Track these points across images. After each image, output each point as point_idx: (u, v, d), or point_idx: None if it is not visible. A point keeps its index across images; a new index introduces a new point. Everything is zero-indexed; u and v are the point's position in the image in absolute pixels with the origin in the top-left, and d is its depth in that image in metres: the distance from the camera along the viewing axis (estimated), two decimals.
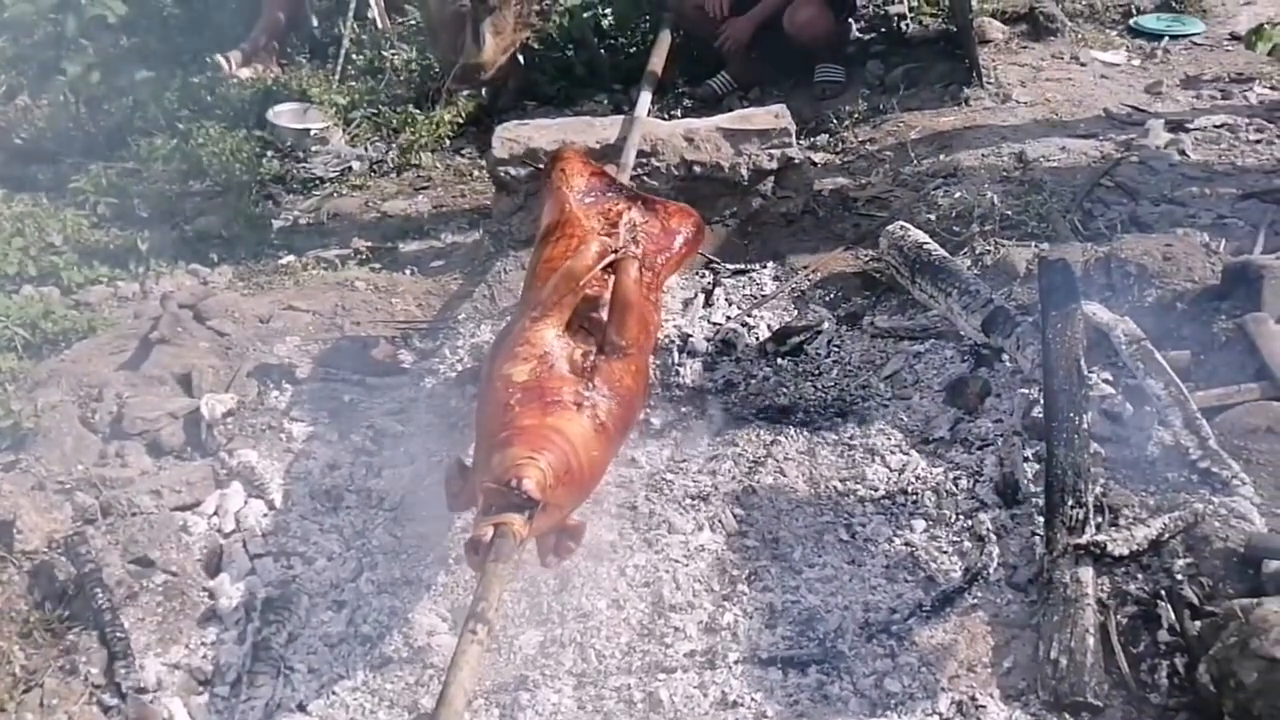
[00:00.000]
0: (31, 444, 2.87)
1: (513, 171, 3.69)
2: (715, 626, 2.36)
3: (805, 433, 2.94)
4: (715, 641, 2.33)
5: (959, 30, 5.01)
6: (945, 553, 2.51)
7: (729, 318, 3.46)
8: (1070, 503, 2.40)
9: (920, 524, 2.59)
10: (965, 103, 4.51)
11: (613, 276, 2.50)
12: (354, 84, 5.32)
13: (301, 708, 2.25)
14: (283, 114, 4.92)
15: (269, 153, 4.71)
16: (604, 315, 2.46)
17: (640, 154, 3.60)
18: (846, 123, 4.51)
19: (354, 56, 5.53)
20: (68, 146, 4.92)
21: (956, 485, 2.67)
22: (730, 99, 4.93)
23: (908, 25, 5.33)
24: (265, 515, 2.70)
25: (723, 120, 3.78)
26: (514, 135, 3.74)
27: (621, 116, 3.96)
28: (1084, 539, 2.32)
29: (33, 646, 2.29)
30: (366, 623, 2.44)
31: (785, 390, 3.13)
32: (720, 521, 2.64)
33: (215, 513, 2.70)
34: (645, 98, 3.89)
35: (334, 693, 2.28)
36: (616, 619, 2.40)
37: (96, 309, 3.68)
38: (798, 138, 4.51)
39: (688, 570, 2.51)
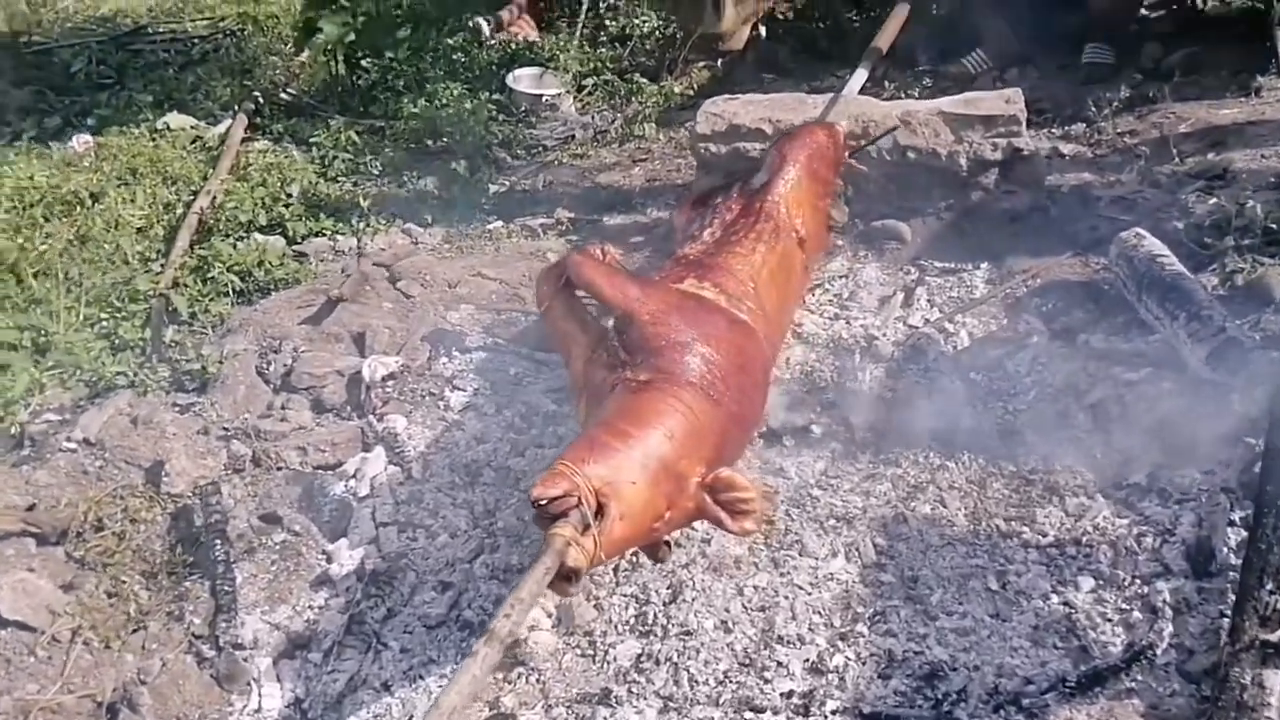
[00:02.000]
0: (211, 389, 3.01)
1: (714, 148, 3.51)
2: (822, 668, 2.14)
3: (980, 460, 2.62)
4: (818, 684, 2.11)
5: (1266, 7, 4.35)
6: (1109, 620, 2.16)
7: (927, 320, 3.16)
8: (1270, 587, 1.99)
9: (1087, 582, 2.24)
10: (1255, 94, 3.91)
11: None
12: (603, 50, 5.29)
13: (386, 687, 2.22)
14: (522, 78, 4.95)
15: (502, 116, 4.75)
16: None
17: (849, 136, 3.32)
18: (1106, 111, 4.01)
19: (607, 23, 5.52)
20: (326, 103, 5.17)
21: (1140, 543, 2.30)
22: (984, 79, 4.51)
23: (1205, 2, 4.69)
24: (402, 483, 2.70)
25: (946, 103, 3.43)
26: (719, 111, 3.55)
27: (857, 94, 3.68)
28: (1278, 635, 1.92)
29: (154, 588, 2.38)
30: (470, 608, 2.38)
31: (971, 409, 2.81)
32: (858, 550, 2.40)
33: (354, 475, 2.72)
34: (860, 75, 3.59)
35: (420, 676, 2.23)
36: (720, 642, 2.22)
37: (311, 260, 3.83)
38: (1051, 125, 4.13)
39: (809, 599, 2.29)
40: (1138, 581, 2.22)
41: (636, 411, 1.98)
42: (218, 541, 2.40)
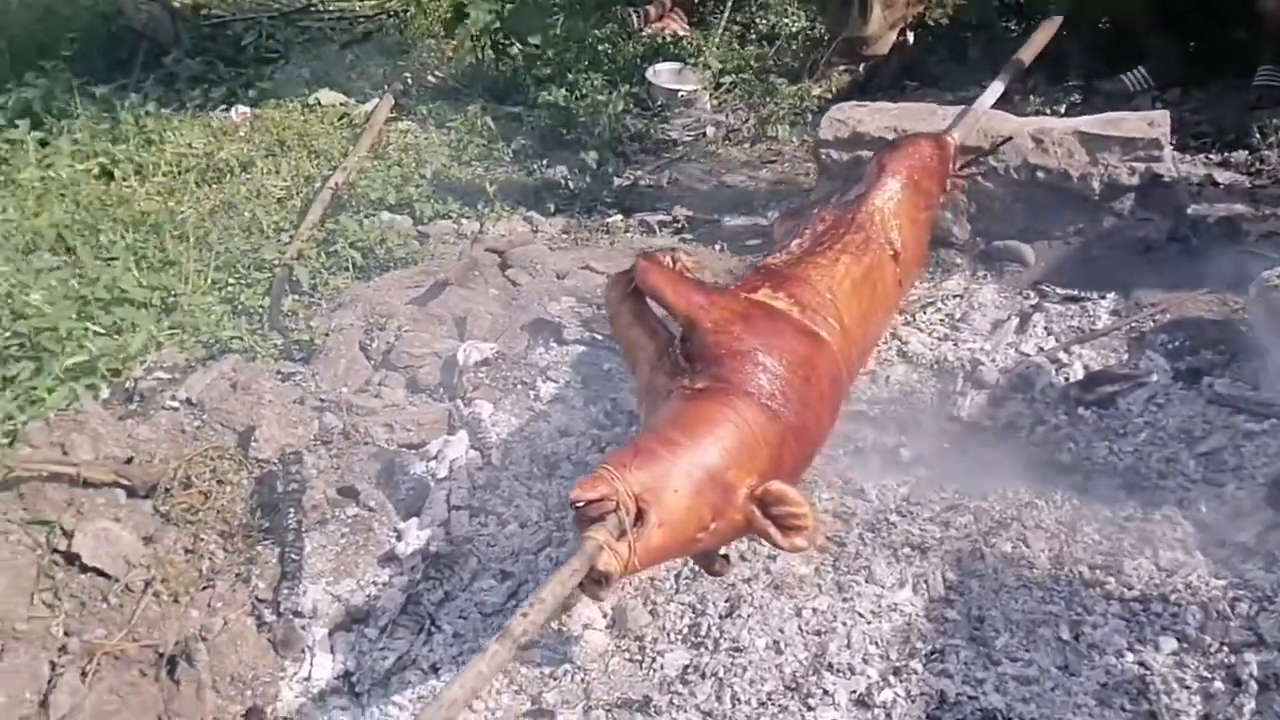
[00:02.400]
0: (315, 360, 3.09)
1: (835, 154, 3.43)
2: (869, 701, 2.06)
3: (1074, 500, 2.48)
4: (861, 719, 2.03)
5: None
6: (1187, 688, 2.01)
7: (1041, 349, 3.01)
8: None
9: (1169, 644, 2.10)
10: None
11: None
12: (749, 48, 5.25)
13: (434, 669, 2.24)
14: (661, 73, 4.94)
15: (637, 109, 4.74)
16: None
17: (975, 151, 3.18)
18: (1272, 139, 3.74)
19: (756, 21, 5.47)
20: (470, 87, 5.26)
21: (1234, 608, 2.13)
22: (1143, 98, 4.27)
23: None
24: (480, 469, 2.73)
25: (1083, 122, 3.26)
26: (844, 117, 3.47)
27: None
28: None
29: (229, 549, 2.46)
30: (528, 599, 2.38)
31: (1073, 446, 2.67)
32: (927, 582, 2.30)
33: (435, 457, 2.76)
34: (996, 88, 3.41)
35: (468, 662, 2.24)
36: (769, 663, 2.16)
37: (432, 242, 3.90)
38: (1209, 150, 3.89)
39: (867, 629, 2.21)
40: (1225, 649, 2.06)
41: (687, 419, 1.94)
42: (291, 510, 2.46)
